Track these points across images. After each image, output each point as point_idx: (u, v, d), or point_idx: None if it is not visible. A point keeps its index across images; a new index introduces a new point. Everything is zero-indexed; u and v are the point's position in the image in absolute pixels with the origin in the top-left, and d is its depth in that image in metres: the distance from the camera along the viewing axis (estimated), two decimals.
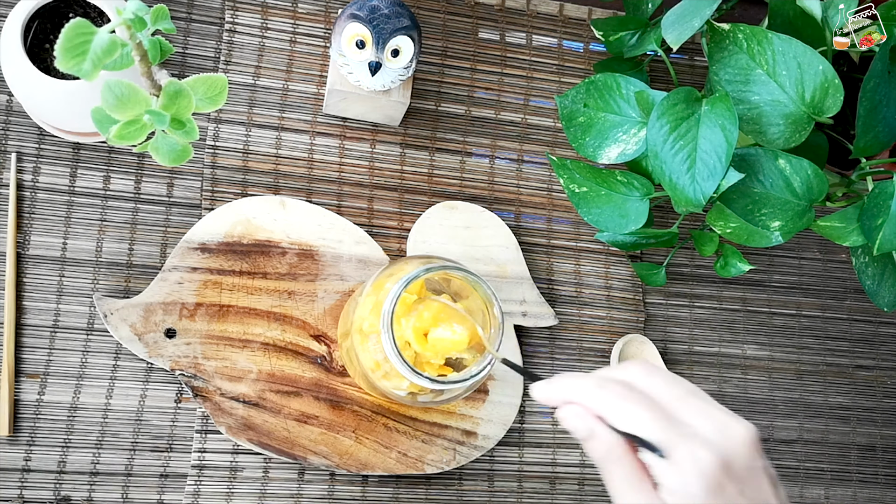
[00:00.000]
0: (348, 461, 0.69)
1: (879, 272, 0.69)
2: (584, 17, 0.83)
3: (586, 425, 0.45)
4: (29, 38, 0.63)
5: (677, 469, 0.43)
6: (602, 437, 0.45)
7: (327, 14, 0.77)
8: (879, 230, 0.60)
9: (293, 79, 0.76)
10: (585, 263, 0.79)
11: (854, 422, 0.83)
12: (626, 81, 0.67)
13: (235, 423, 0.68)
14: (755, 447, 0.45)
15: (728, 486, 0.43)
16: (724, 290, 0.82)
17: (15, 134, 0.70)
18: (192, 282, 0.69)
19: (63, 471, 0.66)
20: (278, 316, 0.70)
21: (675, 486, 0.43)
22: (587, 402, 0.45)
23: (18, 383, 0.67)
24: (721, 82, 0.64)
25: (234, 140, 0.74)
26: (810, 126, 0.63)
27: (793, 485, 0.80)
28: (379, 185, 0.76)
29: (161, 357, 0.67)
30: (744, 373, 0.81)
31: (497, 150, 0.79)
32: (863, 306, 0.85)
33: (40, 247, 0.69)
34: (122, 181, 0.71)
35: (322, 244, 0.72)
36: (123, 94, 0.44)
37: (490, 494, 0.73)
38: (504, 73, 0.80)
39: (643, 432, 0.44)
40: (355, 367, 0.65)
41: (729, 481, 0.43)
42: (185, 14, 0.75)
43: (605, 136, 0.68)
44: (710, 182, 0.61)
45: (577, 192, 0.71)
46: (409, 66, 0.69)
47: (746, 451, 0.44)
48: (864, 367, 0.84)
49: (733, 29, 0.62)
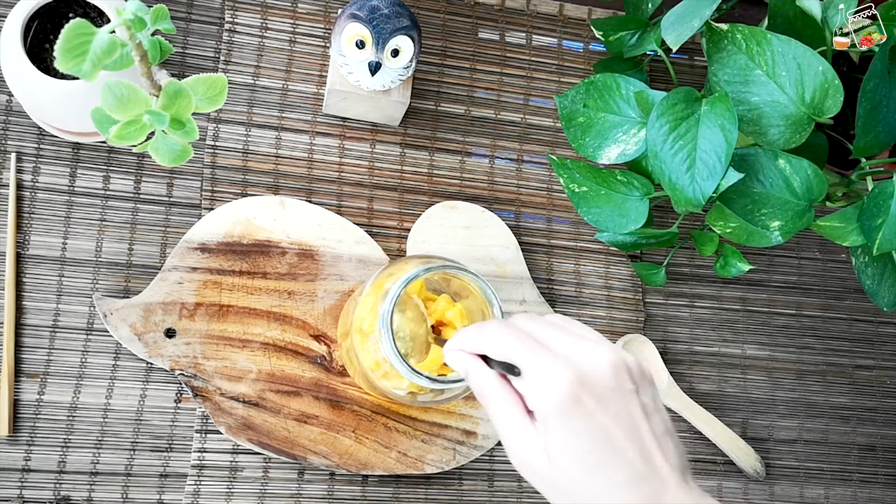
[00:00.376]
0: (348, 461, 0.69)
1: (879, 272, 0.69)
2: (584, 17, 0.83)
3: (463, 363, 0.49)
4: (29, 38, 0.63)
5: (532, 384, 0.45)
6: (477, 371, 0.48)
7: (327, 14, 0.77)
8: (879, 230, 0.60)
9: (293, 79, 0.76)
10: (585, 263, 0.79)
11: (854, 422, 0.83)
12: (625, 81, 0.67)
13: (235, 423, 0.68)
14: (620, 371, 0.46)
15: (586, 400, 0.44)
16: (724, 289, 0.82)
17: (15, 134, 0.70)
18: (191, 282, 0.69)
19: (63, 471, 0.66)
20: (278, 316, 0.70)
21: (533, 403, 0.45)
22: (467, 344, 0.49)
23: (18, 383, 0.67)
24: (720, 83, 0.64)
25: (234, 140, 0.74)
26: (810, 126, 0.63)
27: (793, 485, 0.80)
28: (379, 185, 0.76)
29: (161, 357, 0.67)
30: (744, 373, 0.81)
31: (497, 150, 0.79)
32: (863, 306, 0.85)
33: (40, 247, 0.69)
34: (122, 181, 0.71)
35: (322, 244, 0.72)
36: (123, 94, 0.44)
37: (490, 494, 0.73)
38: (504, 73, 0.80)
39: (508, 357, 0.46)
40: (355, 367, 0.65)
41: (587, 395, 0.44)
42: (185, 14, 0.75)
43: (605, 136, 0.68)
44: (710, 182, 0.61)
45: (577, 192, 0.71)
46: (408, 66, 0.69)
47: (608, 372, 0.45)
48: (864, 367, 0.84)
49: (731, 29, 0.62)
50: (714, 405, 0.79)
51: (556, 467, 0.45)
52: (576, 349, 0.46)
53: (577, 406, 0.44)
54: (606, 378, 0.45)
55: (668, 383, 0.77)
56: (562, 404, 0.44)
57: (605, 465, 0.44)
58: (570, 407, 0.44)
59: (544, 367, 0.45)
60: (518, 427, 0.46)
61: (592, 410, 0.44)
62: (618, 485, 0.44)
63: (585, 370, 0.45)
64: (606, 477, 0.44)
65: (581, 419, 0.44)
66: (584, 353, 0.45)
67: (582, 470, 0.45)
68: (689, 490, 0.45)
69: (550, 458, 0.45)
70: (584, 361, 0.45)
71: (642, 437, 0.45)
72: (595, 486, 0.45)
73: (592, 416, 0.44)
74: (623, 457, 0.45)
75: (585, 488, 0.45)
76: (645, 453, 0.45)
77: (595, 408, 0.44)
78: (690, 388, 0.79)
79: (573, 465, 0.45)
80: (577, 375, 0.44)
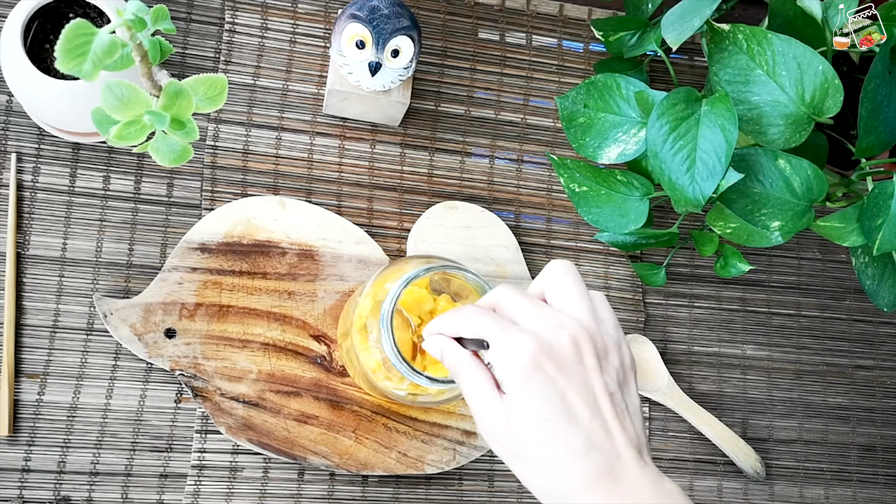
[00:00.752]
0: (348, 461, 0.69)
1: (879, 272, 0.69)
2: (584, 17, 0.83)
3: (438, 345, 0.51)
4: (29, 38, 0.63)
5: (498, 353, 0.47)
6: (451, 350, 0.50)
7: (327, 14, 0.77)
8: (879, 230, 0.60)
9: (293, 79, 0.76)
10: (585, 263, 0.79)
11: (854, 422, 0.83)
12: (626, 81, 0.67)
13: (235, 423, 0.68)
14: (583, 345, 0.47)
15: (546, 366, 0.46)
16: (724, 290, 0.82)
17: (15, 134, 0.70)
18: (191, 282, 0.69)
19: (63, 471, 0.66)
20: (278, 316, 0.70)
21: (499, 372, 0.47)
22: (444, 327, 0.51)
23: (18, 383, 0.67)
24: (721, 83, 0.64)
25: (234, 140, 0.74)
26: (810, 126, 0.63)
27: (792, 485, 0.80)
28: (378, 186, 0.76)
29: (161, 357, 0.67)
30: (743, 373, 0.81)
31: (496, 150, 0.79)
32: (862, 306, 0.85)
33: (40, 247, 0.69)
34: (122, 181, 0.71)
35: (322, 244, 0.72)
36: (124, 94, 0.44)
37: (490, 494, 0.73)
38: (504, 74, 0.80)
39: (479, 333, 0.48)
40: (355, 368, 0.65)
41: (548, 362, 0.46)
42: (185, 14, 0.75)
43: (605, 137, 0.68)
44: (710, 182, 0.61)
45: (577, 192, 0.71)
46: (408, 66, 0.69)
47: (570, 344, 0.47)
48: (863, 367, 0.84)
49: (733, 29, 0.62)
50: (714, 405, 0.79)
51: (516, 433, 0.46)
52: (543, 322, 0.47)
53: (538, 371, 0.46)
54: (567, 349, 0.46)
55: (668, 383, 0.77)
56: (524, 369, 0.46)
57: (560, 432, 0.46)
58: (530, 372, 0.46)
59: (510, 337, 0.46)
60: (485, 397, 0.47)
61: (552, 376, 0.46)
62: (573, 453, 0.46)
63: (548, 340, 0.46)
64: (562, 444, 0.46)
65: (540, 384, 0.46)
66: (550, 325, 0.47)
67: (539, 436, 0.46)
68: (645, 466, 0.46)
69: (510, 425, 0.46)
70: (549, 332, 0.47)
71: (601, 409, 0.46)
72: (551, 453, 0.46)
73: (552, 382, 0.46)
74: (579, 425, 0.46)
75: (542, 457, 0.46)
76: (602, 424, 0.46)
77: (555, 374, 0.46)
78: (690, 388, 0.79)
79: (531, 430, 0.46)
80: (539, 344, 0.46)
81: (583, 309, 0.48)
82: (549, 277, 0.50)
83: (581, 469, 0.45)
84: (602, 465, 0.46)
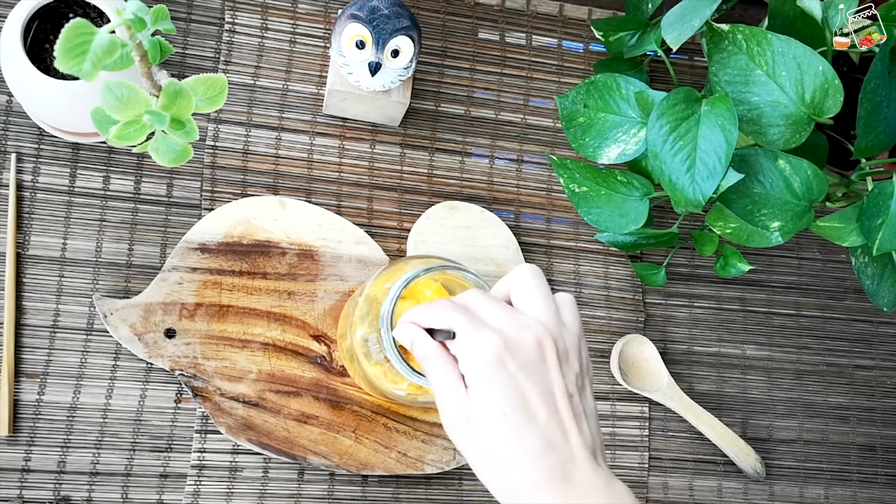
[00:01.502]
0: (348, 461, 0.69)
1: (879, 272, 0.69)
2: (584, 18, 0.83)
3: (410, 334, 0.52)
4: (29, 38, 0.63)
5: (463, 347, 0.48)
6: (420, 339, 0.51)
7: (327, 14, 0.77)
8: (879, 230, 0.60)
9: (293, 79, 0.76)
10: (585, 263, 0.79)
11: (854, 422, 0.83)
12: (626, 82, 0.67)
13: (235, 423, 0.68)
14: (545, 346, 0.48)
15: (508, 363, 0.47)
16: (724, 290, 0.82)
17: (15, 134, 0.70)
18: (191, 282, 0.69)
19: (63, 471, 0.66)
20: (278, 316, 0.70)
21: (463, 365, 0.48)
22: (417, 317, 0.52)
23: (18, 383, 0.67)
24: (721, 83, 0.64)
25: (234, 140, 0.74)
26: (810, 126, 0.63)
27: (792, 485, 0.80)
28: (378, 186, 0.76)
29: (161, 357, 0.67)
30: (743, 373, 0.81)
31: (496, 150, 0.79)
32: (862, 306, 0.85)
33: (40, 247, 0.69)
34: (122, 181, 0.71)
35: (322, 244, 0.72)
36: (123, 94, 0.44)
37: (490, 494, 0.73)
38: (504, 74, 0.80)
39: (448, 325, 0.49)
40: (355, 367, 0.65)
41: (510, 360, 0.47)
42: (185, 14, 0.75)
43: (605, 137, 0.68)
44: (710, 182, 0.61)
45: (576, 192, 0.71)
46: (408, 66, 0.69)
47: (533, 343, 0.48)
48: (863, 367, 0.84)
49: (732, 30, 0.62)
50: (714, 405, 0.79)
51: (476, 428, 0.47)
52: (509, 321, 0.48)
53: (500, 368, 0.47)
54: (530, 348, 0.48)
55: (668, 383, 0.77)
56: (487, 364, 0.47)
57: (519, 429, 0.46)
58: (494, 368, 0.47)
59: (477, 333, 0.48)
60: (450, 388, 0.48)
61: (514, 374, 0.47)
62: (529, 451, 0.46)
63: (512, 338, 0.48)
64: (519, 442, 0.46)
65: (502, 380, 0.47)
66: (516, 325, 0.48)
67: (498, 432, 0.47)
68: (598, 468, 0.47)
69: (471, 418, 0.47)
70: (513, 331, 0.48)
71: (559, 409, 0.47)
72: (508, 450, 0.47)
73: (513, 380, 0.47)
74: (536, 424, 0.47)
75: (500, 453, 0.47)
76: (559, 425, 0.47)
77: (517, 372, 0.47)
78: (690, 388, 0.79)
79: (490, 425, 0.47)
80: (503, 341, 0.47)
81: (547, 312, 0.49)
82: (515, 281, 0.51)
83: (536, 467, 0.46)
84: (556, 464, 0.47)
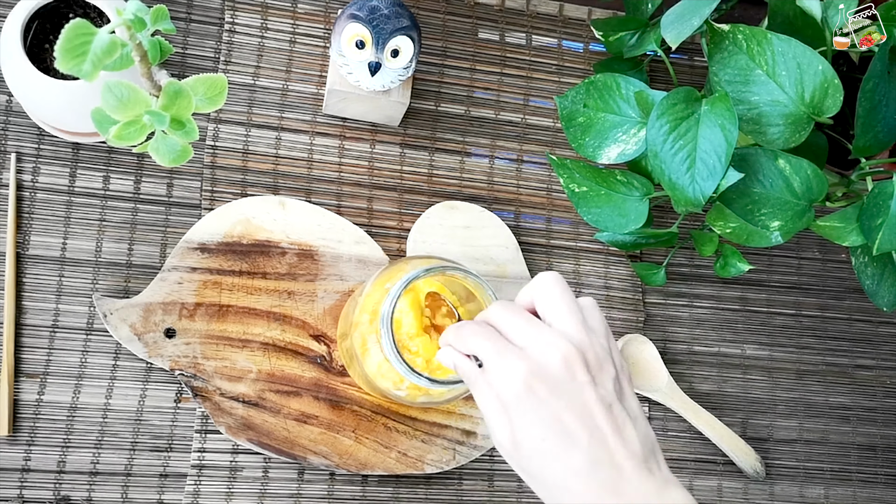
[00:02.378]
0: (348, 461, 0.69)
1: (879, 272, 0.69)
2: (584, 18, 0.83)
3: (450, 357, 0.52)
4: (29, 38, 0.63)
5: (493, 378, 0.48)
6: (462, 365, 0.52)
7: (327, 14, 0.77)
8: (879, 230, 0.60)
9: (293, 79, 0.76)
10: (585, 263, 0.79)
11: (854, 421, 0.83)
12: (625, 81, 0.67)
13: (235, 423, 0.68)
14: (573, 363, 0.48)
15: (538, 389, 0.47)
16: (724, 289, 0.82)
17: (15, 134, 0.70)
18: (191, 282, 0.69)
19: (63, 471, 0.66)
20: (278, 316, 0.70)
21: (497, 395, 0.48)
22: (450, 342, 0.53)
23: (18, 383, 0.67)
24: (721, 83, 0.64)
25: (234, 140, 0.74)
26: (810, 126, 0.63)
27: (793, 485, 0.80)
28: (378, 185, 0.76)
29: (161, 357, 0.67)
30: (744, 373, 0.81)
31: (496, 150, 0.79)
32: (863, 306, 0.85)
33: (40, 247, 0.69)
34: (122, 181, 0.71)
35: (322, 244, 0.72)
36: (123, 94, 0.44)
37: (490, 494, 0.73)
38: (504, 74, 0.80)
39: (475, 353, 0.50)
40: (355, 367, 0.65)
41: (539, 385, 0.47)
42: (185, 14, 0.75)
43: (605, 136, 0.68)
44: (710, 182, 0.61)
45: (576, 192, 0.71)
46: (408, 66, 0.69)
47: (561, 363, 0.47)
48: (864, 367, 0.84)
49: (733, 29, 0.62)
50: (714, 405, 0.79)
51: (521, 452, 0.48)
52: (534, 341, 0.48)
53: (531, 395, 0.47)
54: (558, 369, 0.47)
55: (668, 383, 0.77)
56: (517, 395, 0.47)
57: (560, 451, 0.47)
58: (524, 396, 0.47)
59: (502, 361, 0.48)
60: (493, 413, 0.49)
61: (545, 399, 0.47)
62: (575, 471, 0.47)
63: (539, 362, 0.47)
64: (563, 463, 0.47)
65: (534, 407, 0.47)
66: (540, 346, 0.48)
67: (541, 456, 0.47)
68: (650, 476, 0.47)
69: (516, 443, 0.48)
70: (539, 353, 0.48)
71: (598, 425, 0.47)
72: (555, 472, 0.47)
73: (545, 405, 0.47)
74: (577, 443, 0.47)
75: (548, 475, 0.47)
76: (601, 440, 0.47)
77: (548, 396, 0.47)
78: (690, 388, 0.79)
79: (533, 451, 0.47)
80: (530, 367, 0.47)
81: (573, 322, 0.49)
82: (538, 290, 0.51)
83: (583, 486, 0.47)
84: (604, 480, 0.46)
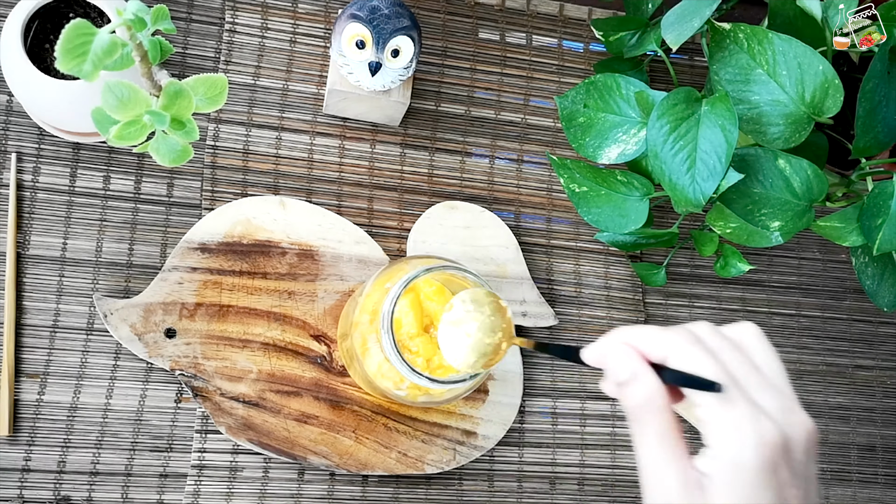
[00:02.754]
0: (348, 461, 0.69)
1: (879, 272, 0.69)
2: (584, 18, 0.83)
3: (631, 366, 0.40)
4: (29, 38, 0.63)
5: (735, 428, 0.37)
6: (645, 380, 0.39)
7: (327, 14, 0.77)
8: (879, 230, 0.60)
9: (293, 79, 0.76)
10: (585, 263, 0.79)
11: (854, 422, 0.83)
12: (626, 81, 0.67)
13: (235, 423, 0.68)
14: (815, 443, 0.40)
15: (782, 471, 0.38)
16: (724, 290, 0.82)
17: (15, 134, 0.70)
18: (192, 282, 0.69)
19: (63, 471, 0.66)
20: (278, 316, 0.70)
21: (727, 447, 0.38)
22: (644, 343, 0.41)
23: (18, 383, 0.67)
24: (721, 82, 0.64)
25: (234, 140, 0.74)
26: (810, 126, 0.63)
27: None
28: (379, 186, 0.76)
29: (161, 357, 0.67)
30: None
31: (497, 150, 0.79)
32: (862, 306, 0.85)
33: (40, 247, 0.69)
34: (122, 181, 0.71)
35: (322, 244, 0.72)
36: (124, 94, 0.44)
37: (490, 494, 0.73)
38: (504, 74, 0.80)
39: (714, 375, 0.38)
40: (355, 367, 0.65)
41: (784, 466, 0.38)
42: (185, 14, 0.75)
43: (605, 137, 0.68)
44: (710, 182, 0.61)
45: (577, 192, 0.71)
46: (409, 66, 0.69)
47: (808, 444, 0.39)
48: (863, 367, 0.84)
49: (734, 28, 0.62)
50: None
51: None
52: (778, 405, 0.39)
53: (773, 476, 0.37)
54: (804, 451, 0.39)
55: None
56: (758, 469, 0.37)
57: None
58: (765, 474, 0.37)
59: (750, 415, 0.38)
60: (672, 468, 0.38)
61: (784, 484, 0.38)
62: None
63: (790, 436, 0.38)
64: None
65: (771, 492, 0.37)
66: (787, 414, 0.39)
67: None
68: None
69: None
70: (788, 425, 0.38)
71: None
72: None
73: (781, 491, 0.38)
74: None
75: None
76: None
77: (786, 484, 0.38)
78: None
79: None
80: (784, 440, 0.38)
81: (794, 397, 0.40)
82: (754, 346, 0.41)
83: None
84: None
